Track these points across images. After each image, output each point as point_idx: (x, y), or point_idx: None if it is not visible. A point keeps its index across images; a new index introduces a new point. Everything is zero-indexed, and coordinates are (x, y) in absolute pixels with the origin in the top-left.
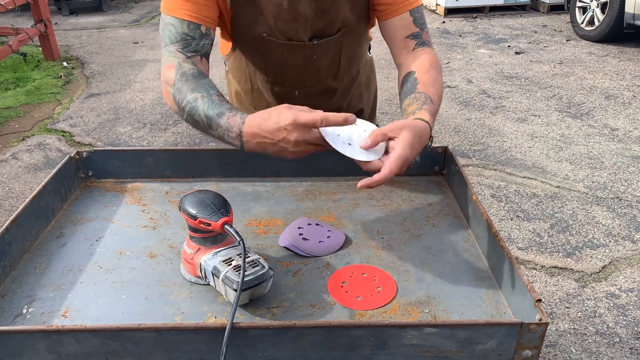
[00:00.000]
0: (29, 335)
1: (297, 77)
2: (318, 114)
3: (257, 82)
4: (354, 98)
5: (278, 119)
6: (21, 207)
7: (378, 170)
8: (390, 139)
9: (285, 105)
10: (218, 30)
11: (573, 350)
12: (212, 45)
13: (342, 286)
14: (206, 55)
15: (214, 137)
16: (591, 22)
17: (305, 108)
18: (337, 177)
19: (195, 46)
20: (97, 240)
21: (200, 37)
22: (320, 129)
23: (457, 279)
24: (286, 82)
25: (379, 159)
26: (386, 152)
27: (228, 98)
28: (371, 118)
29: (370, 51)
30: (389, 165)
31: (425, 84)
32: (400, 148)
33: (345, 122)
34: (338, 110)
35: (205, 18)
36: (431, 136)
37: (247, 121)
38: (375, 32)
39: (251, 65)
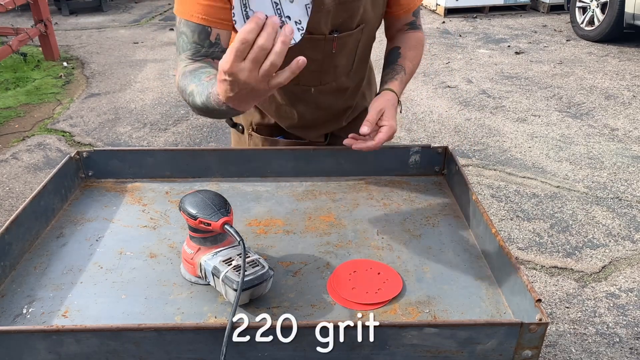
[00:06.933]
0: (29, 335)
1: (314, 73)
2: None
3: None
4: (359, 97)
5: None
6: (21, 207)
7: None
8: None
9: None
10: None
11: (573, 350)
12: (223, 51)
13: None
14: (218, 58)
15: (220, 115)
16: (591, 22)
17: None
18: (337, 177)
19: (205, 52)
20: (97, 240)
21: (210, 46)
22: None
23: (457, 279)
24: (302, 79)
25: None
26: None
27: None
28: None
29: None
30: (382, 135)
31: (406, 58)
32: (387, 122)
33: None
34: (348, 109)
35: (218, 20)
36: (399, 100)
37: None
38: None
39: None
